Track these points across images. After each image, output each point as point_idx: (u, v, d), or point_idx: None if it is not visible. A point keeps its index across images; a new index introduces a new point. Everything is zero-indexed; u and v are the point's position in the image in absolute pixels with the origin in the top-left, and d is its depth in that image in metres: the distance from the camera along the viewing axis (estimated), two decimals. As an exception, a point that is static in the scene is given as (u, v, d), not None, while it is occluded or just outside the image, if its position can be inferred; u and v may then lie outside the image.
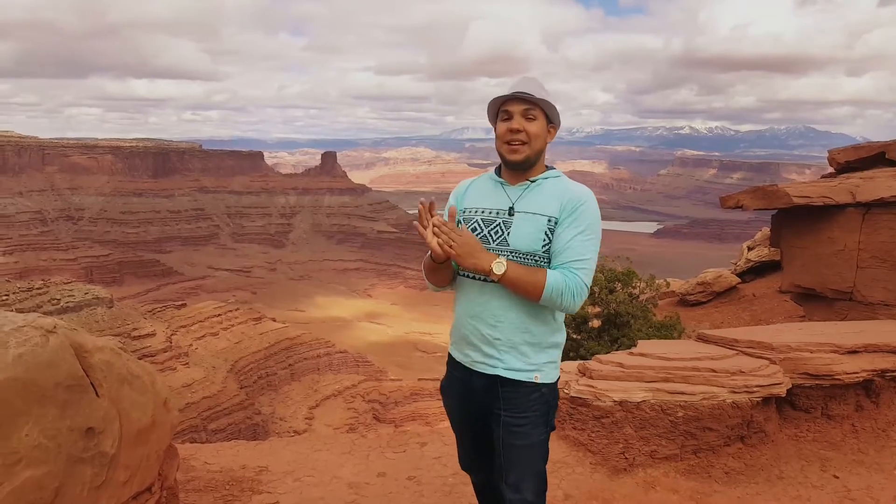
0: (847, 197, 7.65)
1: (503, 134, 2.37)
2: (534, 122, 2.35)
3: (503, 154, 2.40)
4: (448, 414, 2.69)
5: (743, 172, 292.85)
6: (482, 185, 2.52)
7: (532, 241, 2.34)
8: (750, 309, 12.63)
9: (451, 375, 2.61)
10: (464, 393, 2.53)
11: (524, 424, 2.40)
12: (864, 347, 5.26)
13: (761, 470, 4.58)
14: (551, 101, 2.35)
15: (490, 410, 2.45)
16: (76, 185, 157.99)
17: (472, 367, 2.46)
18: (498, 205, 2.41)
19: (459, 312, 2.51)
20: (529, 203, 2.39)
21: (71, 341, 2.25)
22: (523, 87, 2.34)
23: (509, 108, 2.36)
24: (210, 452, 4.84)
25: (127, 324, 54.96)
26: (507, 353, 2.39)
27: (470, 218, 2.45)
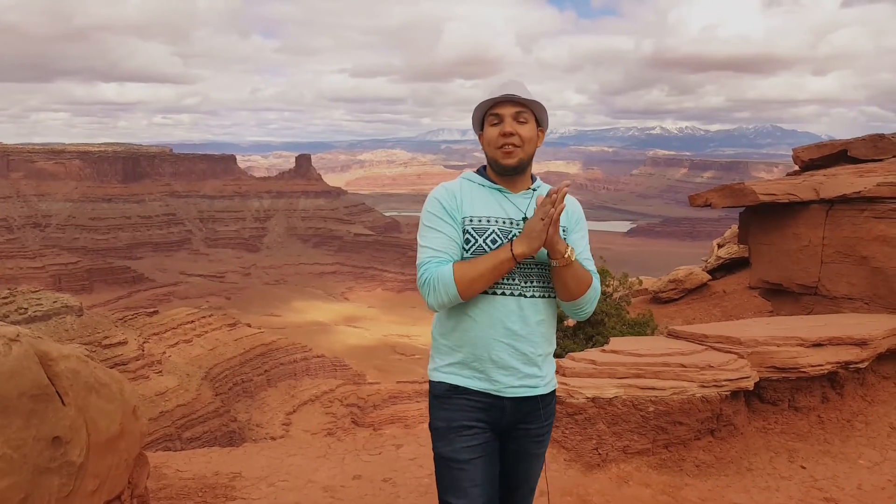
0: (811, 194, 7.82)
1: (495, 139, 2.24)
2: (525, 125, 2.25)
3: (497, 159, 2.26)
4: (455, 457, 2.24)
5: (713, 171, 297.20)
6: (478, 193, 2.32)
7: None
8: (721, 305, 12.84)
9: (462, 405, 2.26)
10: (486, 424, 2.27)
11: (546, 432, 2.37)
12: (829, 340, 5.38)
13: (731, 462, 4.67)
14: (540, 102, 2.26)
15: (514, 429, 2.31)
16: (43, 191, 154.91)
17: (505, 394, 2.24)
18: (509, 214, 2.27)
19: (480, 335, 2.23)
20: None
21: (35, 350, 2.22)
22: (512, 90, 2.23)
23: (499, 111, 2.24)
24: (182, 460, 4.80)
25: (98, 332, 53.96)
26: (545, 367, 2.31)
27: (483, 228, 2.24)
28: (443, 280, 2.14)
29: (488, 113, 2.27)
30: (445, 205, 2.26)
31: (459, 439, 2.23)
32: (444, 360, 2.30)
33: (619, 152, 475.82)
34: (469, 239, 2.22)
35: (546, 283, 2.28)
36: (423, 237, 2.25)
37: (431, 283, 2.16)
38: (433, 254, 2.20)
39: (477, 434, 2.24)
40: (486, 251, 2.18)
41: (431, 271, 2.16)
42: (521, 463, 2.35)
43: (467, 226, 2.23)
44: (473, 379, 2.24)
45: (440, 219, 2.24)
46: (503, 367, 2.22)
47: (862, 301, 7.29)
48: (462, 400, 2.25)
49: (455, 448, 2.23)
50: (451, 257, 2.21)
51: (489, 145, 2.26)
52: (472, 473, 2.21)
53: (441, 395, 2.29)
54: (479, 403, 2.24)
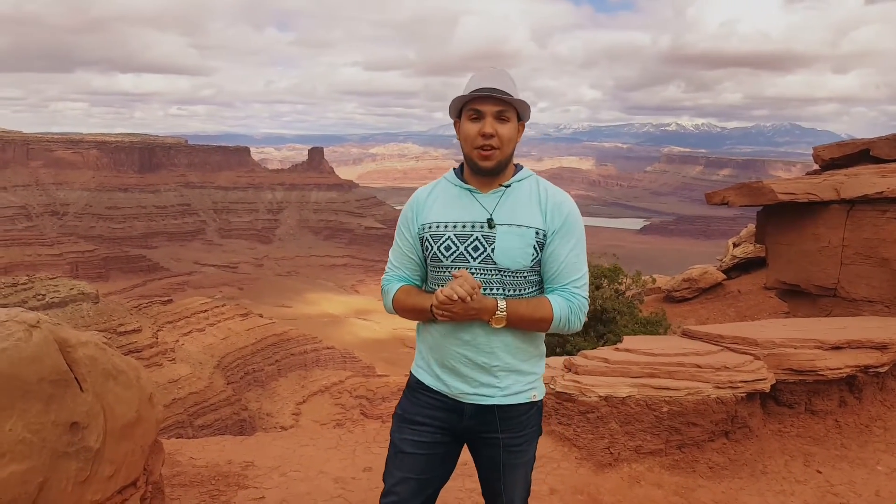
0: (831, 194, 7.73)
1: (473, 138, 2.11)
2: (507, 124, 2.11)
3: (473, 160, 2.14)
4: (399, 446, 2.27)
5: (730, 169, 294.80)
6: (446, 194, 2.23)
7: (521, 256, 2.12)
8: (735, 305, 12.74)
9: (422, 401, 2.28)
10: (441, 423, 2.25)
11: (523, 442, 2.28)
12: (848, 343, 5.32)
13: (745, 465, 4.63)
14: (525, 101, 2.13)
15: (479, 435, 2.26)
16: (61, 180, 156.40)
17: (461, 399, 2.21)
18: (472, 216, 2.15)
19: (437, 339, 2.22)
20: (509, 213, 2.15)
21: (55, 336, 2.24)
22: (496, 83, 2.09)
23: (480, 107, 2.10)
24: (196, 447, 4.83)
25: (112, 319, 54.52)
26: (506, 379, 2.20)
27: (439, 234, 2.16)
28: (387, 298, 2.27)
29: (468, 105, 2.13)
30: (408, 216, 2.26)
31: (408, 431, 2.26)
32: (418, 354, 2.34)
33: (634, 149, 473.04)
34: (427, 246, 2.19)
35: (510, 290, 2.15)
36: (392, 247, 2.32)
37: (383, 295, 2.30)
38: (392, 268, 2.31)
39: (427, 432, 2.24)
40: (441, 258, 2.16)
41: (385, 285, 2.30)
42: (496, 472, 2.28)
43: (426, 232, 2.19)
44: (433, 378, 2.26)
45: (401, 231, 2.28)
46: (457, 375, 2.20)
47: (882, 304, 7.20)
48: (424, 396, 2.27)
49: (402, 437, 2.27)
50: (404, 273, 2.27)
51: (466, 141, 2.14)
52: (409, 465, 2.24)
53: (411, 386, 2.34)
54: (438, 402, 2.24)
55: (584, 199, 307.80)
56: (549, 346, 10.48)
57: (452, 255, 2.14)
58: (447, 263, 2.15)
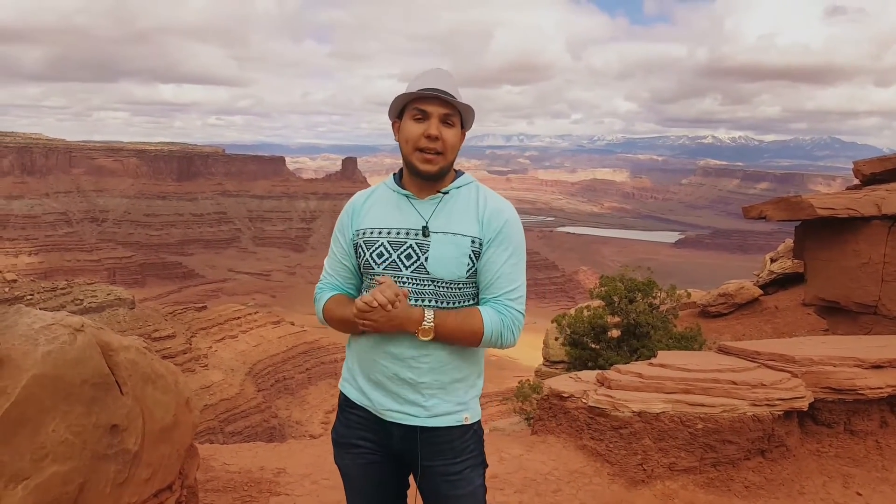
0: (873, 209, 7.55)
1: (416, 139, 2.00)
2: (452, 129, 2.01)
3: (414, 163, 2.03)
4: (344, 471, 2.21)
5: (767, 183, 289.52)
6: (383, 200, 2.14)
7: (455, 266, 2.01)
8: (772, 321, 12.47)
9: (352, 421, 2.16)
10: (374, 444, 2.14)
11: (462, 470, 2.09)
12: (889, 363, 5.18)
13: (782, 485, 4.52)
14: (471, 106, 2.04)
15: (411, 461, 2.11)
16: (101, 187, 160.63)
17: (383, 416, 2.08)
18: (407, 223, 2.05)
19: (365, 350, 2.09)
20: (446, 220, 2.05)
21: (98, 340, 2.30)
22: (443, 85, 2.00)
23: (426, 107, 1.99)
24: (229, 453, 4.89)
25: (148, 325, 55.62)
26: (433, 398, 2.04)
27: (373, 241, 2.07)
28: (318, 307, 2.18)
29: (412, 105, 2.02)
30: (343, 221, 2.18)
31: (348, 455, 2.18)
32: (345, 366, 2.22)
33: (669, 161, 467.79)
34: (360, 253, 2.09)
35: (444, 301, 2.03)
36: (328, 255, 2.23)
37: (315, 304, 2.21)
38: (325, 275, 2.22)
39: (364, 454, 2.15)
40: (373, 266, 2.06)
41: (317, 293, 2.21)
42: (437, 502, 2.13)
43: (359, 239, 2.10)
44: (360, 394, 2.13)
45: (336, 237, 2.19)
46: (383, 389, 2.06)
47: (925, 323, 7.00)
48: (353, 415, 2.16)
49: (345, 462, 2.20)
50: (337, 281, 2.18)
51: (407, 143, 2.03)
52: (358, 490, 2.20)
53: (340, 405, 2.22)
54: (366, 421, 2.13)
55: (618, 212, 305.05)
56: (581, 361, 10.41)
57: (385, 263, 2.04)
58: (379, 271, 2.05)
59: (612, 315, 10.25)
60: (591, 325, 10.36)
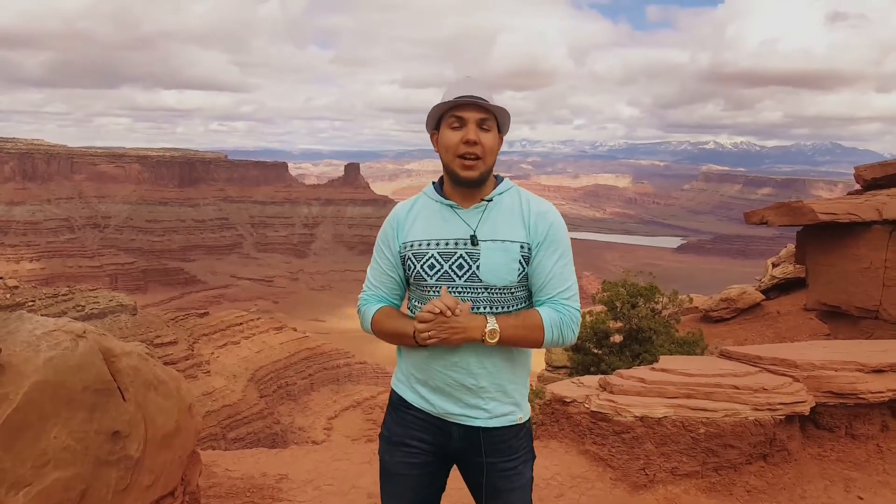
0: (873, 214, 7.55)
1: (455, 146, 2.03)
2: (489, 133, 2.05)
3: (455, 170, 2.06)
4: (390, 468, 2.24)
5: (769, 188, 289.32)
6: (426, 211, 2.16)
7: (507, 273, 2.06)
8: (774, 326, 12.46)
9: (408, 421, 2.21)
10: (429, 445, 2.19)
11: (516, 465, 2.19)
12: (890, 367, 5.17)
13: (784, 489, 4.51)
14: (506, 108, 2.07)
15: (469, 459, 2.18)
16: (103, 193, 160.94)
17: (446, 419, 2.14)
18: (454, 234, 2.08)
19: (423, 360, 2.13)
20: (493, 228, 2.08)
21: (100, 346, 2.31)
22: (476, 91, 2.04)
23: (463, 114, 2.03)
24: (231, 459, 4.89)
25: (150, 331, 55.63)
26: (492, 401, 2.12)
27: (422, 253, 2.10)
28: (365, 319, 2.21)
29: (449, 114, 2.06)
30: (388, 234, 2.19)
31: (398, 453, 2.21)
32: (399, 370, 2.26)
33: (671, 166, 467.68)
34: (410, 265, 2.12)
35: (499, 307, 2.09)
36: (370, 265, 2.25)
37: (360, 315, 2.24)
38: (370, 287, 2.24)
39: (416, 453, 2.19)
40: (425, 277, 2.09)
41: (362, 305, 2.24)
42: (490, 499, 2.21)
43: (407, 251, 2.12)
44: (417, 397, 2.18)
45: (381, 249, 2.20)
46: (443, 394, 2.12)
47: (927, 327, 6.99)
48: (409, 416, 2.20)
49: (394, 461, 2.22)
50: (383, 292, 2.21)
51: (447, 151, 2.06)
52: (404, 487, 2.22)
53: (394, 404, 2.26)
54: (424, 423, 2.17)
55: (621, 217, 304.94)
56: (583, 366, 10.39)
57: (437, 274, 2.08)
58: (431, 283, 2.08)
59: (614, 320, 10.25)
60: (593, 330, 10.37)
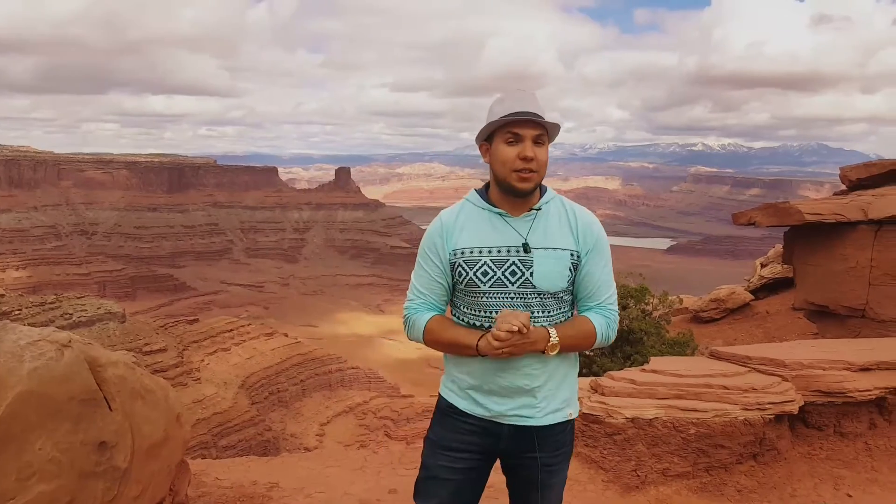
0: (859, 214, 7.62)
1: (512, 161, 2.09)
2: (542, 147, 2.12)
3: (512, 183, 2.12)
4: (433, 471, 2.29)
5: (758, 189, 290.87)
6: (475, 218, 2.21)
7: (559, 279, 2.15)
8: (763, 326, 12.52)
9: (456, 426, 2.27)
10: (478, 447, 2.25)
11: (560, 461, 2.29)
12: (877, 365, 5.21)
13: (774, 488, 4.54)
14: (558, 123, 2.14)
15: (516, 456, 2.26)
16: (91, 199, 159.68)
17: (499, 421, 2.21)
18: (506, 241, 2.15)
19: (475, 364, 2.20)
20: (544, 236, 2.16)
21: (85, 355, 2.29)
22: (532, 107, 2.09)
23: (520, 130, 2.08)
24: (221, 468, 4.86)
25: (139, 339, 55.20)
26: (545, 399, 2.20)
27: (474, 260, 2.15)
28: (416, 328, 2.23)
29: (504, 129, 2.11)
30: (436, 240, 2.22)
31: (443, 457, 2.26)
32: (449, 378, 2.31)
33: (660, 168, 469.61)
34: (461, 272, 2.17)
35: (548, 311, 2.17)
36: (415, 273, 2.28)
37: (409, 323, 2.26)
38: (417, 294, 2.26)
39: (462, 458, 2.25)
40: (478, 284, 2.15)
41: (411, 313, 2.26)
42: (532, 492, 2.28)
43: (458, 258, 2.17)
44: (469, 402, 2.24)
45: (429, 256, 2.24)
46: (496, 395, 2.19)
47: (913, 325, 7.05)
48: (458, 421, 2.26)
49: (437, 463, 2.27)
50: (433, 300, 2.24)
51: (503, 165, 2.12)
52: (443, 490, 2.26)
53: (443, 410, 2.31)
54: (474, 427, 2.24)
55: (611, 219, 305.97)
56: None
57: (490, 281, 2.14)
58: (485, 289, 2.15)
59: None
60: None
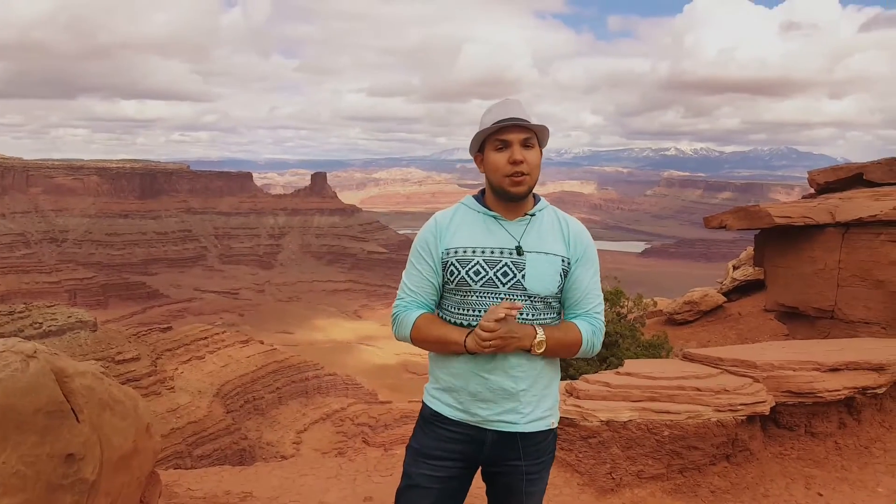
0: (827, 217, 7.77)
1: (503, 166, 2.14)
2: (532, 150, 2.16)
3: (505, 188, 2.17)
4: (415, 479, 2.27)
5: (729, 192, 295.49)
6: (470, 220, 2.25)
7: (550, 283, 2.19)
8: (736, 328, 12.70)
9: (440, 434, 2.26)
10: (461, 455, 2.25)
11: (541, 469, 2.29)
12: (846, 365, 5.31)
13: (747, 488, 4.60)
14: (545, 126, 2.20)
15: (499, 462, 2.26)
16: (61, 206, 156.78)
17: (483, 426, 2.22)
18: (500, 243, 2.19)
19: (460, 367, 2.21)
20: (537, 241, 2.21)
21: (52, 366, 2.24)
22: (515, 112, 2.15)
23: (507, 136, 2.14)
24: (194, 478, 4.79)
25: (111, 347, 54.29)
26: (529, 405, 2.21)
27: (467, 259, 2.18)
28: (405, 325, 2.25)
29: (492, 137, 2.17)
30: (429, 240, 2.25)
31: (425, 466, 2.26)
32: (433, 385, 2.31)
33: (634, 173, 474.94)
34: (453, 271, 2.19)
35: (535, 314, 2.20)
36: (406, 272, 2.30)
37: (397, 320, 2.28)
38: (408, 293, 2.28)
39: (445, 467, 2.24)
40: (470, 283, 2.17)
41: (400, 311, 2.27)
42: (513, 500, 2.29)
43: (451, 257, 2.20)
44: (454, 409, 2.24)
45: (420, 255, 2.26)
46: (481, 400, 2.19)
47: (879, 325, 7.20)
48: (442, 429, 2.26)
49: (419, 472, 2.26)
50: (423, 299, 2.26)
51: (496, 172, 2.17)
52: (424, 499, 2.26)
53: (426, 418, 2.31)
54: (458, 435, 2.24)
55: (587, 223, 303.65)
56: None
57: (482, 280, 2.17)
58: (476, 288, 2.17)
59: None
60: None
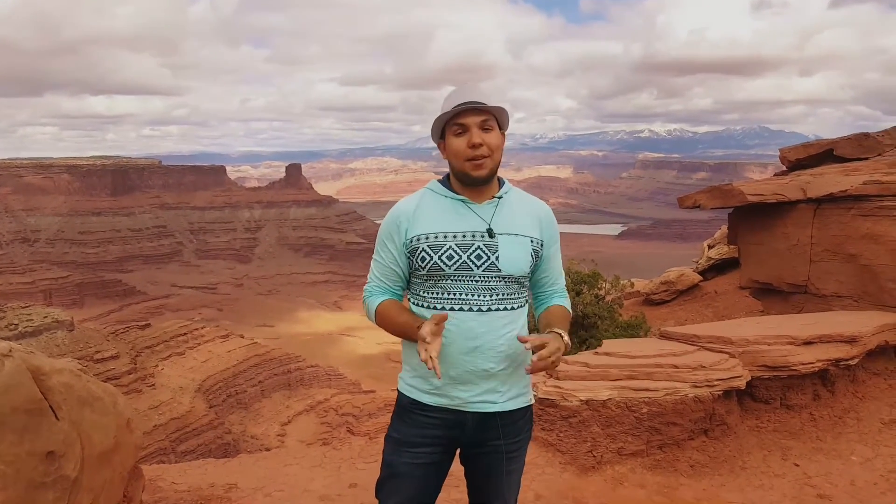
0: (798, 193, 7.90)
1: (463, 150, 2.14)
2: (491, 132, 2.15)
3: (467, 172, 2.16)
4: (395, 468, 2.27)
5: (704, 173, 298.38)
6: (437, 206, 2.24)
7: (523, 263, 2.20)
8: (712, 305, 12.87)
9: (419, 422, 2.26)
10: (441, 440, 2.25)
11: (520, 447, 2.31)
12: (819, 338, 5.43)
13: (725, 462, 4.70)
14: (503, 107, 2.16)
15: (479, 443, 2.26)
16: (31, 205, 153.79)
17: (464, 409, 2.21)
18: (470, 226, 2.19)
19: (441, 348, 2.15)
20: (506, 223, 2.21)
21: (28, 365, 2.23)
22: (473, 96, 2.13)
23: (464, 120, 2.13)
24: (177, 472, 4.79)
25: (89, 346, 53.62)
26: (506, 383, 2.22)
27: (439, 244, 2.17)
28: (369, 312, 2.31)
29: (450, 122, 2.16)
30: (391, 229, 2.25)
31: (407, 454, 2.25)
32: (408, 373, 2.30)
33: (609, 156, 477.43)
34: (424, 257, 2.17)
35: (510, 294, 2.21)
36: (373, 259, 2.33)
37: (365, 307, 2.34)
38: (373, 279, 2.32)
39: (426, 454, 2.24)
40: (443, 268, 2.16)
41: (367, 296, 2.33)
42: (491, 479, 2.30)
43: (422, 244, 2.18)
44: (431, 395, 2.23)
45: (384, 244, 2.28)
46: (461, 383, 2.19)
47: (851, 299, 7.35)
48: (421, 416, 2.25)
49: (400, 460, 2.26)
50: (387, 285, 2.29)
51: (456, 157, 2.16)
52: (406, 487, 2.25)
53: (404, 407, 2.29)
54: (438, 420, 2.23)
55: (564, 207, 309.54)
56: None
57: (455, 265, 2.16)
58: (449, 272, 2.16)
59: (559, 308, 10.38)
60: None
